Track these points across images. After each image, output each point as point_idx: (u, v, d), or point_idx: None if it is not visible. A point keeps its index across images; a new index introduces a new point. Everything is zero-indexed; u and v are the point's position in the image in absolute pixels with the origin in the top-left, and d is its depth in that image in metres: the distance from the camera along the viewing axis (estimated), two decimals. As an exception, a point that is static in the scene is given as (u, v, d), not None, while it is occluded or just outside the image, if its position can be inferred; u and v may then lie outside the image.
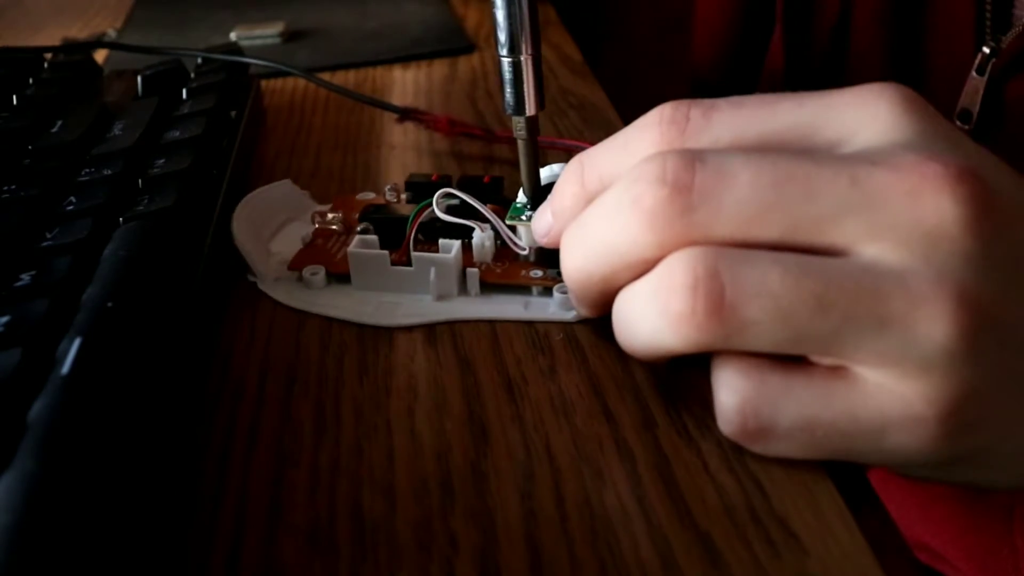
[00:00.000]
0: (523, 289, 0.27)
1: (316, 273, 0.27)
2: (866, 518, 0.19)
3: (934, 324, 0.18)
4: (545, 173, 0.27)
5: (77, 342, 0.19)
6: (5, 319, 0.20)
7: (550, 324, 0.26)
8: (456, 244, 0.27)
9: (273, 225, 0.30)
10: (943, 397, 0.18)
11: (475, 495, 0.20)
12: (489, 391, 0.23)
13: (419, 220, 0.27)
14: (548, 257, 0.27)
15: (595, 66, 0.46)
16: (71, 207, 0.26)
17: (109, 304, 0.20)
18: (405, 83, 0.45)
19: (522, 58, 0.26)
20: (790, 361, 0.20)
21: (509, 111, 0.26)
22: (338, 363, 0.25)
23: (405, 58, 0.48)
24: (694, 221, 0.19)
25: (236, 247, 0.28)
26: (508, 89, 0.26)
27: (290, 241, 0.30)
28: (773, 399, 0.19)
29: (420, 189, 0.30)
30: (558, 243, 0.24)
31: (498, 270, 0.27)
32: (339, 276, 0.28)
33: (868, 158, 0.19)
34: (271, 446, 0.22)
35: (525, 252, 0.27)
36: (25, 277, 0.22)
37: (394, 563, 0.19)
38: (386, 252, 0.27)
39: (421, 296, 0.27)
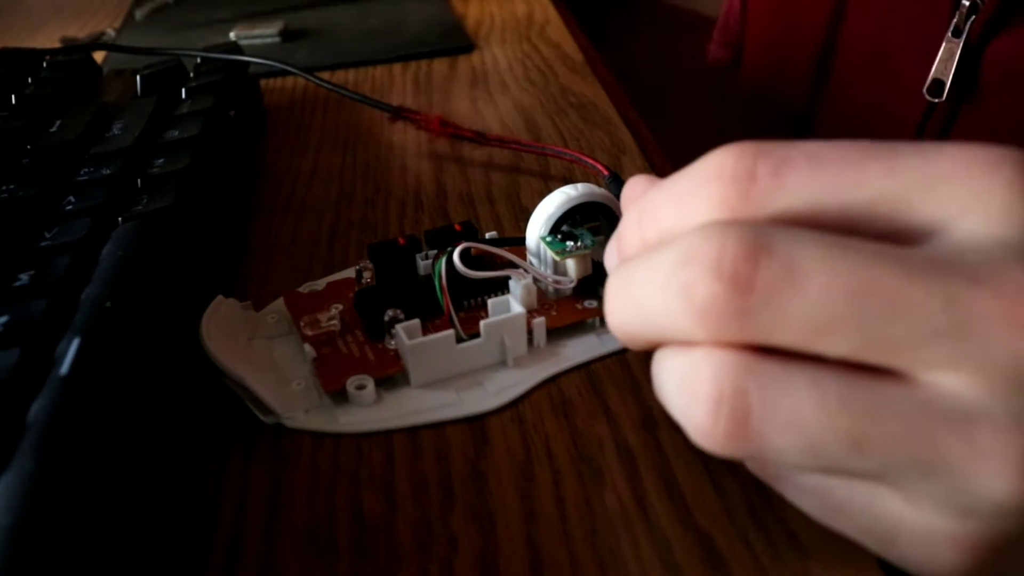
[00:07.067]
0: (580, 323, 0.25)
1: (364, 386, 0.23)
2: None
3: (994, 479, 0.15)
4: (559, 198, 0.25)
5: (76, 342, 0.19)
6: (4, 319, 0.20)
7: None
8: (511, 298, 0.24)
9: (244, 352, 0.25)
10: (973, 543, 0.17)
11: (475, 495, 0.20)
12: (489, 391, 0.23)
13: (446, 282, 0.24)
14: (590, 286, 0.26)
15: (594, 63, 0.46)
16: (70, 207, 0.26)
17: (108, 304, 0.20)
18: (405, 82, 0.45)
19: None
20: None
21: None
22: (338, 363, 0.25)
23: (405, 57, 0.48)
24: (752, 325, 0.16)
25: (247, 387, 0.23)
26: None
27: (273, 364, 0.24)
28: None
29: (383, 255, 0.26)
30: None
31: (554, 312, 0.25)
32: (380, 380, 0.23)
33: (970, 271, 0.16)
34: (271, 446, 0.22)
35: (573, 284, 0.25)
36: (24, 277, 0.22)
37: (394, 563, 0.19)
38: (451, 332, 0.23)
39: (495, 366, 0.24)
